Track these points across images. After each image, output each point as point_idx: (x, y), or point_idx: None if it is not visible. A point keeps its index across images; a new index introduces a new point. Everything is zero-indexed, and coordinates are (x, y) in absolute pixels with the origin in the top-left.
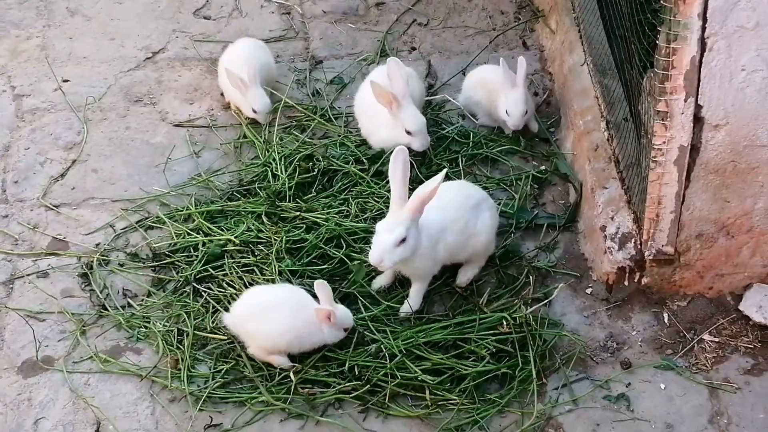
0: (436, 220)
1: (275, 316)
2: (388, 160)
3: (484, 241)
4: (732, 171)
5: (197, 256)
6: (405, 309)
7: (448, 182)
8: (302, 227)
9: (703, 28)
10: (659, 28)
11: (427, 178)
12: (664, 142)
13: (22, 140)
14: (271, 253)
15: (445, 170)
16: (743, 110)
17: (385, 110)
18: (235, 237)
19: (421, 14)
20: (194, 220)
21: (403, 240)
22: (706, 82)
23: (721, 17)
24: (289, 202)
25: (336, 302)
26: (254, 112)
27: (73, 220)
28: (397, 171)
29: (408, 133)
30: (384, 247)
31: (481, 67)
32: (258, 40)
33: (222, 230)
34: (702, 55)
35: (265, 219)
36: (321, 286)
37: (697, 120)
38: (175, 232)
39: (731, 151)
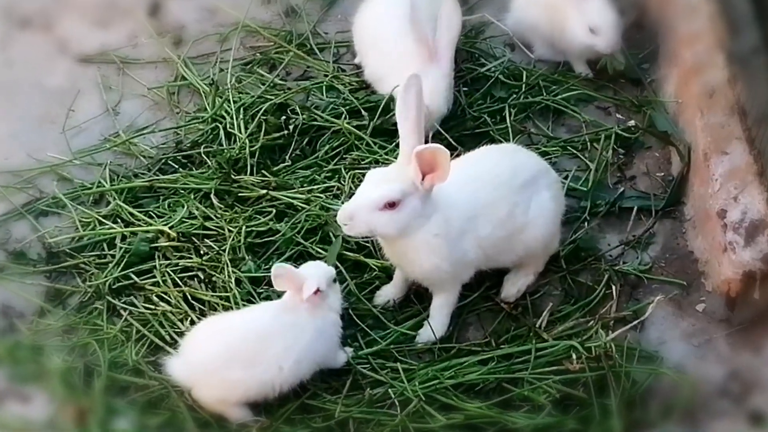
0: (461, 201)
1: (273, 353)
2: None
3: (542, 236)
4: None
5: (113, 255)
6: (424, 336)
7: (487, 147)
8: (270, 212)
9: None
10: None
11: (458, 140)
12: None
13: None
14: (225, 251)
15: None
16: None
17: (406, 41)
18: (171, 227)
19: None
20: (109, 203)
21: (393, 204)
22: None
23: None
24: (251, 175)
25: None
26: None
27: None
28: (410, 108)
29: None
30: (361, 203)
31: None
32: None
33: (151, 217)
34: None
35: (215, 200)
36: (279, 270)
37: None
38: (80, 221)
39: None
